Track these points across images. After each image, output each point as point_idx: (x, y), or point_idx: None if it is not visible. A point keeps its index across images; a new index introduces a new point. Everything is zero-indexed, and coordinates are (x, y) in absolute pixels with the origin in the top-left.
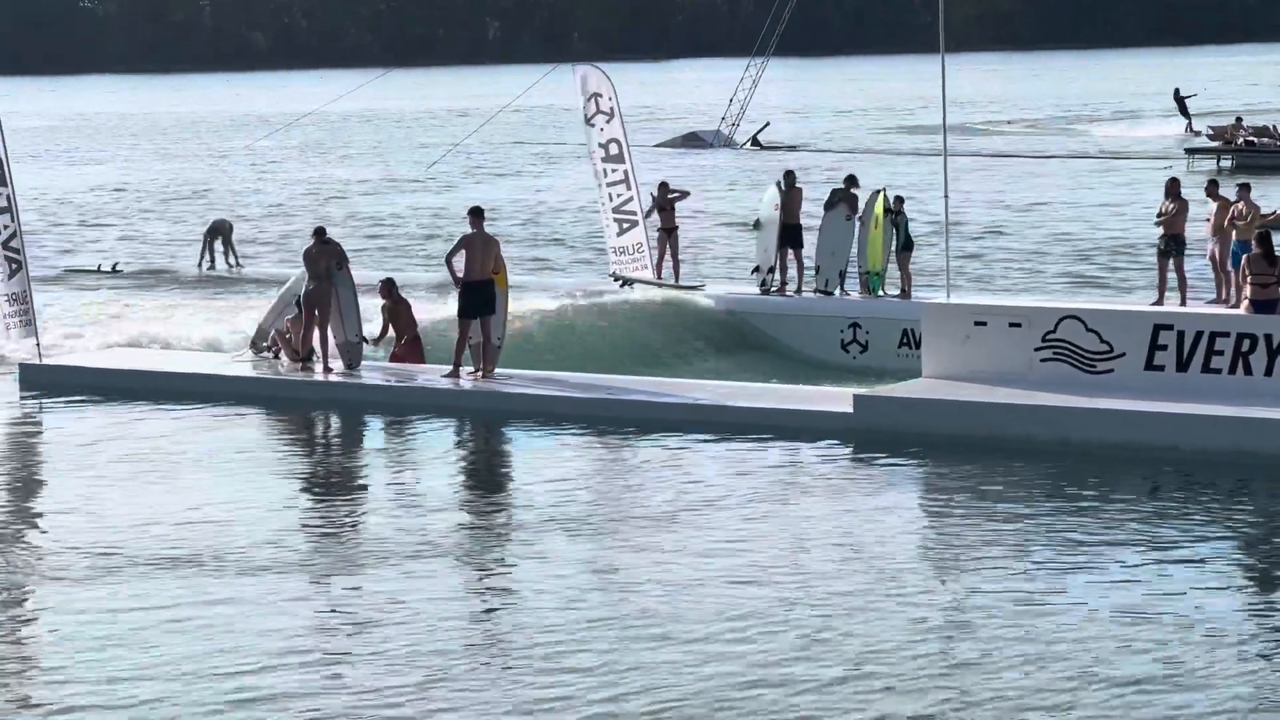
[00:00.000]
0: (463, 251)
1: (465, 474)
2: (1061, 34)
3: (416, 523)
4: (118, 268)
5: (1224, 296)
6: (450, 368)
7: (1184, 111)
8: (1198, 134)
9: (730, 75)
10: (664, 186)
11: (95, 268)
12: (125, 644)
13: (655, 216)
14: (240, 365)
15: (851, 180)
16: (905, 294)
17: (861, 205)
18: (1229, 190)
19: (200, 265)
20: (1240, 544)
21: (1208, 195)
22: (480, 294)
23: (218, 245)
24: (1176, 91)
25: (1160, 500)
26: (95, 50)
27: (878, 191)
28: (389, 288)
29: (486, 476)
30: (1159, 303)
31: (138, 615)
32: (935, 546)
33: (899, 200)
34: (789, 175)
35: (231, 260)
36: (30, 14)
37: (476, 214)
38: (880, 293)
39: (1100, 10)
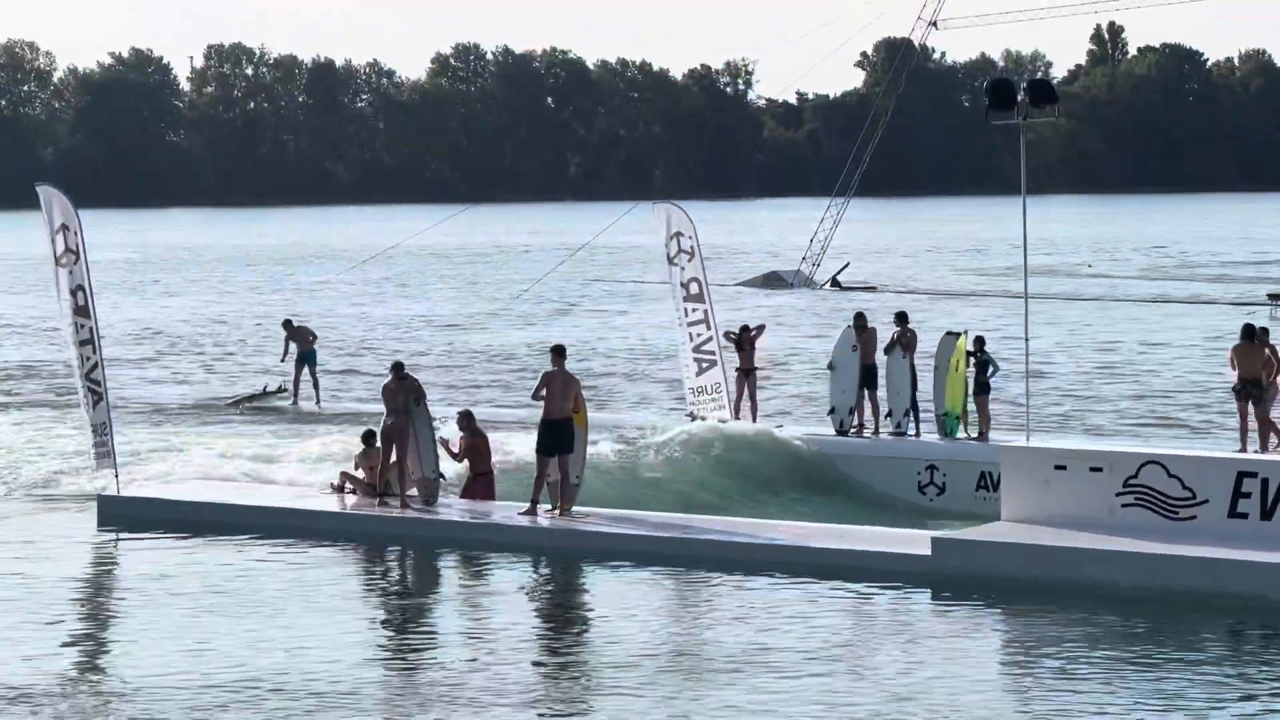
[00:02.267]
0: (544, 389)
1: (542, 613)
2: (1145, 178)
3: (493, 660)
4: (269, 388)
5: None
6: (528, 505)
7: None
8: None
9: (812, 215)
10: (745, 329)
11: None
12: None
13: (735, 357)
14: (319, 499)
15: (901, 318)
16: (983, 436)
17: (932, 346)
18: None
19: (295, 399)
20: None
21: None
22: (559, 432)
23: (305, 375)
24: None
25: (1245, 650)
26: (182, 183)
27: (955, 334)
28: (467, 419)
29: (563, 615)
30: (1242, 449)
31: None
32: (1014, 694)
33: (980, 341)
34: (859, 317)
35: (313, 392)
36: (117, 147)
37: (559, 352)
38: (959, 435)
39: (1184, 155)
